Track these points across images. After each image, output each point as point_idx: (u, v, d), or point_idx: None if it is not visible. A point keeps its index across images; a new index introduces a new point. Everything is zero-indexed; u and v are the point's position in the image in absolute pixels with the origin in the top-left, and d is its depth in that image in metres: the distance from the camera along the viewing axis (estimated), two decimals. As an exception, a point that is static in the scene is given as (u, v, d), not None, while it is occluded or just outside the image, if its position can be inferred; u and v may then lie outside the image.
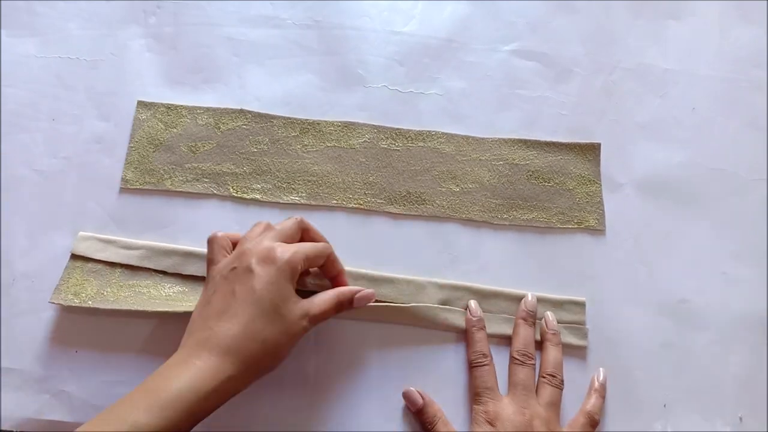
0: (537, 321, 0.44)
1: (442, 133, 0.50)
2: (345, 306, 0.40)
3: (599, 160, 0.49)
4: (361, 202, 0.48)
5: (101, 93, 0.51)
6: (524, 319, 0.43)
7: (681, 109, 0.52)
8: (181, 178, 0.48)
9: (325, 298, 0.39)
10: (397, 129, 0.50)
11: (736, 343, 0.45)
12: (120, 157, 0.49)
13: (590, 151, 0.50)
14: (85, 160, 0.49)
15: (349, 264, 0.45)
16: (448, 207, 0.48)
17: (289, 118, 0.50)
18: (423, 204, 0.48)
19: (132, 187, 0.48)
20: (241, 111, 0.50)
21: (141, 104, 0.50)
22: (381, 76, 0.52)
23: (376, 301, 0.43)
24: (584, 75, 0.53)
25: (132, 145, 0.49)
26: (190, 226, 0.47)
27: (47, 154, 0.49)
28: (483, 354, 0.42)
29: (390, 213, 0.48)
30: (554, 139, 0.50)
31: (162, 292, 0.43)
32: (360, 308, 0.42)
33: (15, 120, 0.50)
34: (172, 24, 0.54)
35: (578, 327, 0.44)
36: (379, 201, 0.48)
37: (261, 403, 0.42)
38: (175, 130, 0.50)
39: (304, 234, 0.41)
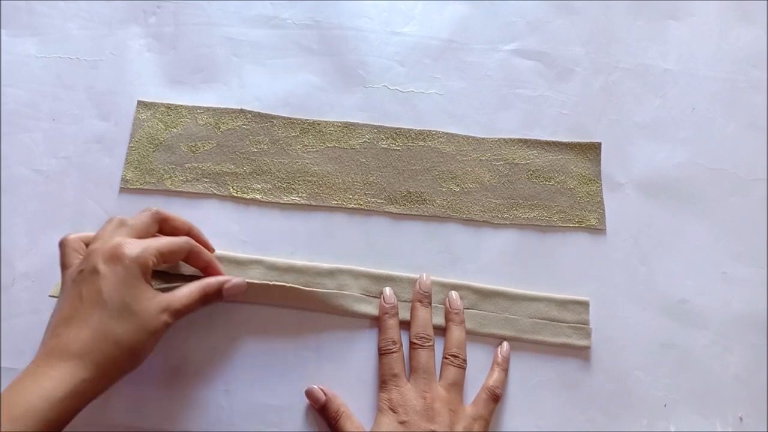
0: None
1: (443, 133, 0.50)
2: (212, 298, 0.39)
3: (600, 159, 0.49)
4: (361, 203, 0.48)
5: (101, 93, 0.51)
6: (420, 302, 0.43)
7: (681, 109, 0.52)
8: (181, 178, 0.48)
9: (188, 291, 0.38)
10: (397, 129, 0.50)
11: (736, 343, 0.45)
12: (120, 157, 0.49)
13: (591, 150, 0.50)
14: (85, 160, 0.49)
15: (349, 264, 0.45)
16: (449, 207, 0.48)
17: (289, 119, 0.50)
18: (423, 204, 0.48)
19: (132, 187, 0.48)
20: (241, 111, 0.50)
21: (141, 104, 0.50)
22: (381, 76, 0.52)
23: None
24: (584, 75, 0.53)
25: (132, 145, 0.49)
26: (190, 226, 0.47)
27: (47, 154, 0.49)
28: (393, 341, 0.42)
29: (390, 213, 0.48)
30: (554, 139, 0.50)
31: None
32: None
33: (15, 120, 0.50)
34: (172, 24, 0.54)
35: (582, 327, 0.44)
36: (379, 201, 0.48)
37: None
38: (175, 130, 0.49)
39: (162, 225, 0.40)
